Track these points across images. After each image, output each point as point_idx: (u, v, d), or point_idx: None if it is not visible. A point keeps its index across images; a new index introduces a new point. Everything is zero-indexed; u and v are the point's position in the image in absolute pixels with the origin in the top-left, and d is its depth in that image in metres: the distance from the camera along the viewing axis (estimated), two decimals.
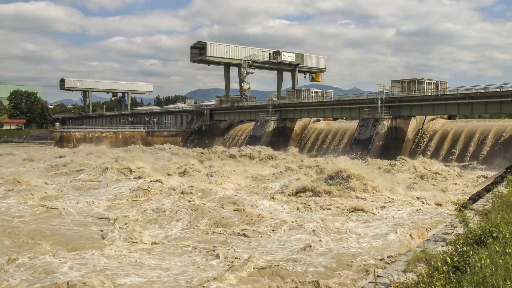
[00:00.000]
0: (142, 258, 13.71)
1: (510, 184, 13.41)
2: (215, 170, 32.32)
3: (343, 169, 25.43)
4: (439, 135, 46.40)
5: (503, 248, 6.13)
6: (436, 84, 51.35)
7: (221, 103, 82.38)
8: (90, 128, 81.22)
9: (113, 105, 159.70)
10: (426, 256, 6.81)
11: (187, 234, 16.88)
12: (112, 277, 11.89)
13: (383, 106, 48.59)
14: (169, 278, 12.08)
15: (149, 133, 77.71)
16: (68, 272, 12.32)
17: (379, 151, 46.03)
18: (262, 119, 64.11)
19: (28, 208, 21.27)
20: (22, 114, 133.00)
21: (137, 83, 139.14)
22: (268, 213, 19.74)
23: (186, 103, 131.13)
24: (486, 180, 26.62)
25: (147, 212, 20.43)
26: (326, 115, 60.74)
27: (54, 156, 49.49)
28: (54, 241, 15.37)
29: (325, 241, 15.37)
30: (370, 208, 20.43)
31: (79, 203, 22.46)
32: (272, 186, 29.04)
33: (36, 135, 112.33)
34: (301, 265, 12.94)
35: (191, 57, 78.83)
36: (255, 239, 16.01)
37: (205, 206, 20.71)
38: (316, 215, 19.90)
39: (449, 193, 25.04)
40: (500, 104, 41.52)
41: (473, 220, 8.66)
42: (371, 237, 15.90)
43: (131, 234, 16.13)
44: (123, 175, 31.35)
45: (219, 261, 13.36)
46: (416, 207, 21.14)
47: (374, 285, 5.81)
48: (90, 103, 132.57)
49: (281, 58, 78.77)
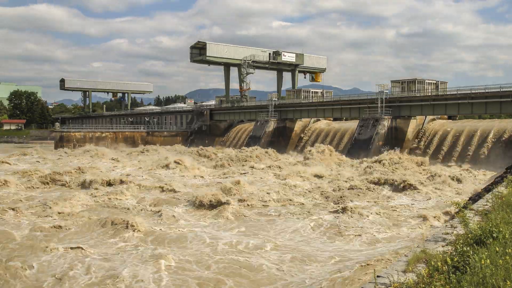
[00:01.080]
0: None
1: (510, 184, 13.39)
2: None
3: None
4: (439, 135, 46.39)
5: (503, 248, 6.12)
6: (436, 84, 51.35)
7: (221, 103, 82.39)
8: (90, 128, 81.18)
9: (113, 105, 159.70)
10: (426, 256, 6.80)
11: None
12: None
13: (383, 106, 48.59)
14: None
15: (149, 133, 77.69)
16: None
17: (379, 151, 46.00)
18: (262, 119, 64.11)
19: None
20: (22, 114, 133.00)
21: (137, 83, 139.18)
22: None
23: (186, 103, 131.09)
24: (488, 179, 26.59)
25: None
26: (326, 115, 60.73)
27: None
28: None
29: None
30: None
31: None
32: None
33: (36, 135, 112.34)
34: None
35: (191, 57, 78.83)
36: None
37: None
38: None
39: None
40: (500, 104, 41.51)
41: (473, 220, 8.65)
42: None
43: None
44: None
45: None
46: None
47: (374, 285, 5.80)
48: (90, 103, 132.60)
49: (281, 58, 78.78)
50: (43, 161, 49.53)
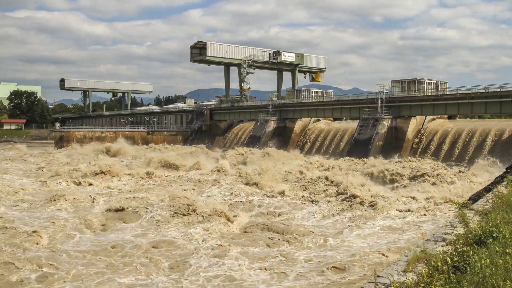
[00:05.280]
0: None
1: (510, 184, 13.37)
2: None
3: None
4: (440, 135, 46.37)
5: (503, 248, 6.11)
6: (436, 84, 51.34)
7: (221, 103, 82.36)
8: (90, 128, 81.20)
9: (113, 105, 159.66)
10: (426, 256, 6.80)
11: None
12: None
13: (383, 106, 48.57)
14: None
15: (149, 133, 77.71)
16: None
17: (379, 151, 46.01)
18: (262, 119, 64.09)
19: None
20: (22, 114, 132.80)
21: (137, 83, 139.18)
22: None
23: (186, 103, 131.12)
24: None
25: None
26: (326, 115, 60.71)
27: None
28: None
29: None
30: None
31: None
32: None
33: (36, 135, 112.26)
34: None
35: (191, 57, 78.77)
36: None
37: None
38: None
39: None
40: (500, 104, 41.50)
41: (473, 220, 8.65)
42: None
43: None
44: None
45: None
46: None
47: (374, 285, 5.80)
48: (90, 103, 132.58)
49: (281, 58, 78.72)
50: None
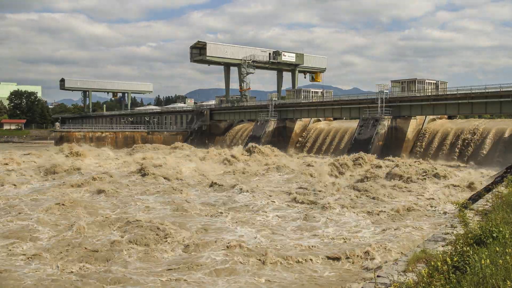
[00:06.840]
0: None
1: (510, 184, 13.38)
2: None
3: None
4: (440, 135, 46.36)
5: (503, 248, 6.11)
6: (436, 84, 51.33)
7: (221, 103, 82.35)
8: (90, 128, 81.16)
9: (113, 105, 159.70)
10: (426, 256, 6.81)
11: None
12: None
13: (383, 106, 48.56)
14: None
15: (149, 133, 77.68)
16: None
17: (379, 151, 45.98)
18: (262, 119, 64.08)
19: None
20: (22, 114, 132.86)
21: (137, 83, 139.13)
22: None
23: (186, 103, 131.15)
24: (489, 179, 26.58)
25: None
26: (326, 115, 60.71)
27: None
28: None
29: None
30: None
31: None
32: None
33: (36, 135, 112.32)
34: None
35: (191, 57, 78.75)
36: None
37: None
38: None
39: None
40: (500, 104, 41.49)
41: (473, 220, 8.66)
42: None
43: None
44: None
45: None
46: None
47: (374, 285, 5.80)
48: (90, 103, 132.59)
49: (281, 58, 78.70)
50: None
